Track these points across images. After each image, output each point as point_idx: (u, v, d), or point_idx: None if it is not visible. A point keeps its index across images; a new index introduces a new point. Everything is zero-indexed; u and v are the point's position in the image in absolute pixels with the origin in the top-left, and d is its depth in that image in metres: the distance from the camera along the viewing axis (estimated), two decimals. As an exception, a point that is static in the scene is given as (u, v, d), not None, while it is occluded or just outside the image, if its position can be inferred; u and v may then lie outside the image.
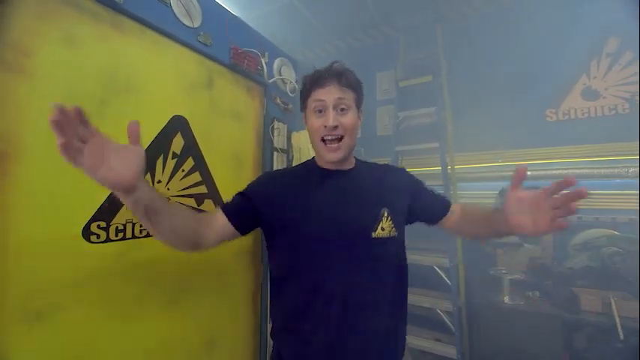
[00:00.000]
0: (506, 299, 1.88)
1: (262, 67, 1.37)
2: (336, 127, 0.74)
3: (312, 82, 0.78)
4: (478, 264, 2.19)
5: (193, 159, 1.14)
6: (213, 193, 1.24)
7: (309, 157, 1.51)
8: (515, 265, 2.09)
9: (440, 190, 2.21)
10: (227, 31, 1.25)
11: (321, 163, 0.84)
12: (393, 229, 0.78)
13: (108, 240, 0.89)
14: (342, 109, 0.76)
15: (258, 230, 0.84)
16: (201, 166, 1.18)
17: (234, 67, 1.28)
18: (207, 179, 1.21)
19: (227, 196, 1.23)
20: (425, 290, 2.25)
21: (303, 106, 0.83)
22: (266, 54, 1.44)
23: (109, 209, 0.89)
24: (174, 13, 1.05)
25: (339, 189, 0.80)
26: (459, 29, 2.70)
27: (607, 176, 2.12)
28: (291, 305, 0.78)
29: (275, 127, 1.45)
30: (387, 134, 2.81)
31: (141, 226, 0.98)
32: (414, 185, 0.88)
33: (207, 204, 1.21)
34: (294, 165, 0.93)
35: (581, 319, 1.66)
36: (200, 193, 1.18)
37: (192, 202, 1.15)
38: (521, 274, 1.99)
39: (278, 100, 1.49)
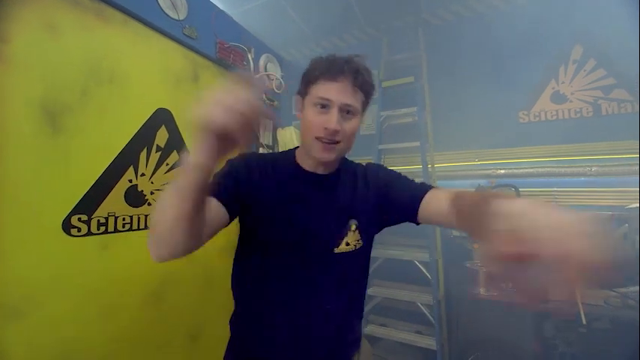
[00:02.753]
0: (482, 291, 1.98)
1: (248, 62, 1.37)
2: (337, 131, 0.66)
3: (323, 70, 0.67)
4: (456, 258, 2.29)
5: (178, 153, 1.14)
6: (198, 188, 1.23)
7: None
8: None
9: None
10: (213, 25, 1.25)
11: (302, 162, 0.77)
12: (359, 241, 0.74)
13: (89, 233, 0.88)
14: (348, 112, 0.68)
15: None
16: (185, 160, 1.17)
17: (220, 62, 1.28)
18: (192, 174, 1.20)
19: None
20: (406, 284, 2.33)
21: (304, 92, 0.72)
22: (252, 50, 1.45)
23: (90, 202, 0.88)
24: (159, 5, 1.04)
25: (311, 198, 0.74)
26: (440, 32, 2.80)
27: (572, 175, 2.27)
28: (251, 304, 0.76)
29: (261, 123, 1.45)
30: (370, 133, 2.87)
31: (124, 219, 0.96)
32: (384, 180, 0.78)
33: (192, 198, 1.20)
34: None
35: (550, 308, 1.77)
36: (185, 188, 1.17)
37: (176, 196, 1.14)
38: (497, 269, 2.09)
39: (264, 96, 1.50)
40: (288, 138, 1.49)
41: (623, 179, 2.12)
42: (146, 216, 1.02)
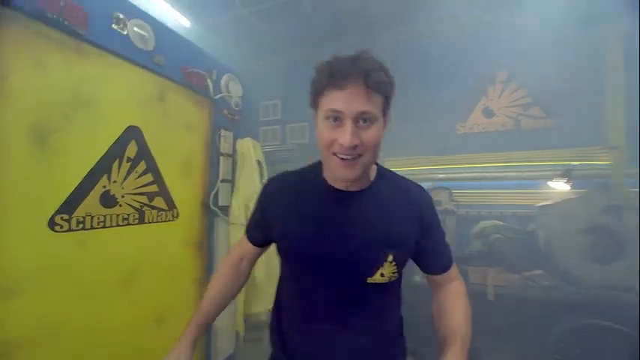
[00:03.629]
0: (417, 278, 2.31)
1: (209, 84, 1.60)
2: (355, 146, 0.58)
3: (329, 78, 0.58)
4: None
5: (146, 162, 1.34)
6: (164, 192, 1.44)
7: (252, 163, 1.76)
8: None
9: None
10: (177, 53, 1.46)
11: (329, 178, 0.70)
12: (395, 274, 0.68)
13: (70, 230, 1.07)
14: (365, 121, 0.59)
15: (203, 222, 1.03)
16: (153, 168, 1.38)
17: (185, 84, 1.50)
18: (159, 180, 1.41)
19: (176, 193, 1.45)
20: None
21: (313, 104, 0.65)
22: (214, 71, 1.67)
23: (71, 204, 1.07)
24: (130, 40, 1.24)
25: (343, 219, 0.68)
26: (391, 53, 3.14)
27: (498, 178, 2.68)
28: (286, 325, 0.77)
29: (222, 135, 1.68)
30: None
31: (98, 218, 1.16)
32: (430, 224, 0.72)
33: (158, 200, 1.41)
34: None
35: (468, 289, 2.13)
36: (152, 192, 1.38)
37: (144, 198, 1.34)
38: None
39: (225, 112, 1.73)
40: (245, 148, 1.72)
41: (536, 182, 2.54)
42: (117, 215, 1.23)
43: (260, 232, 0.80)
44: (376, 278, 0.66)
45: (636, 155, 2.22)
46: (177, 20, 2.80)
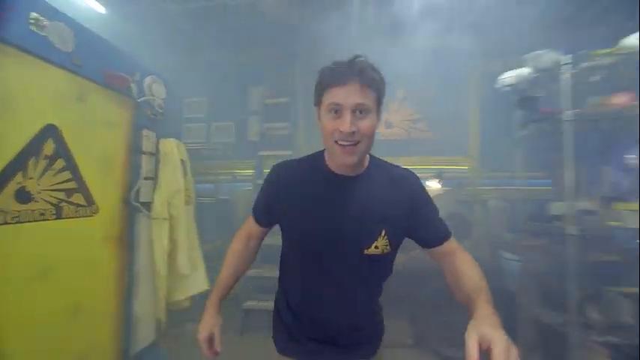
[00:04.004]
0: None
1: (132, 87, 1.68)
2: (353, 133, 0.69)
3: (330, 77, 0.72)
4: None
5: (64, 160, 1.38)
6: (82, 188, 1.49)
7: (175, 161, 1.89)
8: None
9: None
10: (98, 55, 1.52)
11: (330, 164, 0.81)
12: (387, 247, 0.77)
13: (-19, 225, 1.09)
14: (361, 112, 0.70)
15: (124, 217, 1.14)
16: (71, 166, 1.42)
17: (106, 85, 1.56)
18: (77, 177, 1.46)
19: (96, 190, 1.52)
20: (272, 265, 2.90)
21: (317, 102, 0.77)
22: (137, 74, 1.74)
23: (-18, 200, 1.09)
24: (49, 41, 1.28)
25: (343, 200, 0.78)
26: (313, 62, 3.50)
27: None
28: (291, 296, 0.89)
29: (144, 134, 1.77)
30: (255, 140, 3.36)
31: (13, 214, 1.19)
32: (418, 201, 0.81)
33: (77, 197, 1.46)
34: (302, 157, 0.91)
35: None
36: (70, 188, 1.42)
37: (62, 194, 1.38)
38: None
39: (148, 112, 1.81)
40: (168, 148, 1.84)
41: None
42: (33, 211, 1.26)
43: (267, 214, 0.89)
44: (371, 250, 0.76)
45: (487, 163, 3.05)
46: (92, 7, 2.64)
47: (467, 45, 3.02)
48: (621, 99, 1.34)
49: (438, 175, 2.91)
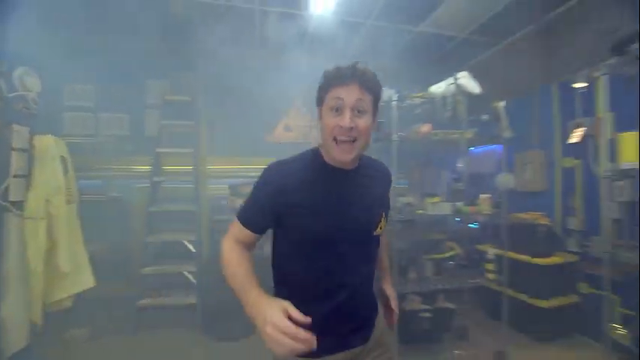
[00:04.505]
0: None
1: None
2: (351, 128, 0.75)
3: (332, 78, 0.78)
4: (213, 233, 3.18)
5: None
6: None
7: (53, 159, 1.83)
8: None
9: (190, 185, 3.02)
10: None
11: (327, 158, 0.85)
12: (384, 225, 0.90)
13: None
14: (359, 111, 0.76)
15: None
16: None
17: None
18: None
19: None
20: (175, 259, 2.97)
21: (320, 101, 0.83)
22: (4, 62, 1.63)
23: None
24: None
25: (346, 189, 0.85)
26: (215, 64, 3.58)
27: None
28: (303, 288, 0.85)
29: (15, 130, 1.67)
30: (153, 135, 3.28)
31: None
32: (389, 184, 0.99)
33: None
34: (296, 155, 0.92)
35: (268, 257, 2.96)
36: None
37: None
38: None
39: (20, 106, 1.71)
40: (45, 145, 1.77)
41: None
42: None
43: (265, 219, 0.84)
44: (377, 231, 0.88)
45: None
46: None
47: (349, 60, 3.62)
48: (424, 128, 2.00)
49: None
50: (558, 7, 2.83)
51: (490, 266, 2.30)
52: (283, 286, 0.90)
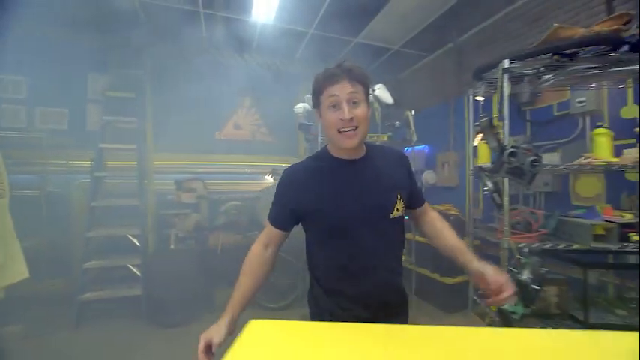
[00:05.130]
0: (172, 246, 3.08)
1: None
2: (351, 119, 0.83)
3: (324, 79, 0.85)
4: (159, 227, 3.28)
5: None
6: None
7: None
8: (186, 227, 3.35)
9: (134, 181, 3.08)
10: None
11: (335, 153, 0.93)
12: (403, 208, 0.92)
13: None
14: (355, 102, 0.84)
15: None
16: None
17: None
18: None
19: None
20: (119, 253, 3.03)
21: (317, 103, 0.90)
22: None
23: None
24: None
25: (359, 177, 0.90)
26: (166, 60, 3.63)
27: (240, 172, 3.87)
28: (331, 276, 0.93)
29: None
30: (95, 130, 3.26)
31: None
32: (410, 173, 0.99)
33: None
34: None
35: (214, 250, 3.13)
36: None
37: None
38: (187, 232, 3.26)
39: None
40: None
41: (259, 175, 3.89)
42: None
43: (289, 217, 0.93)
44: (395, 214, 0.90)
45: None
46: None
47: (296, 69, 3.90)
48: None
49: (273, 172, 3.68)
50: (471, 29, 3.35)
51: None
52: (315, 271, 0.98)
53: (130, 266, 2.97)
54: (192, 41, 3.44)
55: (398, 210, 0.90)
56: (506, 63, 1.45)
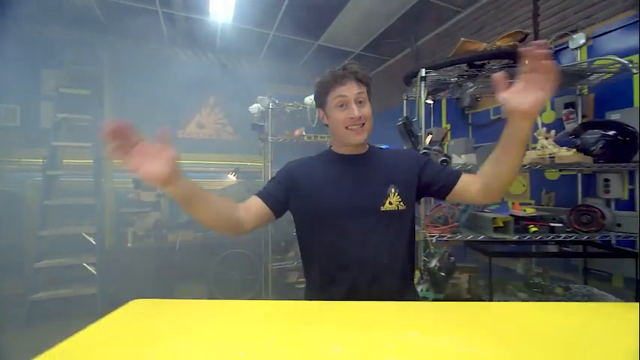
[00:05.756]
0: (130, 244, 3.08)
1: None
2: (359, 117, 0.88)
3: (332, 81, 0.89)
4: (117, 226, 3.26)
5: None
6: None
7: None
8: (145, 225, 3.35)
9: (90, 179, 3.05)
10: None
11: (338, 149, 0.99)
12: (401, 203, 0.90)
13: None
14: (361, 102, 0.89)
15: None
16: None
17: None
18: None
19: None
20: (74, 252, 3.00)
21: (322, 103, 0.94)
22: None
23: None
24: None
25: (353, 170, 0.94)
26: (125, 58, 3.60)
27: (203, 171, 3.90)
28: (320, 269, 0.92)
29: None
30: (49, 128, 3.19)
31: None
32: (420, 162, 0.97)
33: None
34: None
35: (172, 247, 3.15)
36: None
37: None
38: (146, 231, 3.27)
39: None
40: None
41: (222, 174, 3.94)
42: None
43: (282, 193, 0.93)
44: (387, 207, 0.89)
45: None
46: None
47: (261, 69, 3.97)
48: (297, 132, 2.43)
49: (236, 170, 3.74)
50: (425, 36, 3.54)
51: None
52: (305, 263, 0.99)
53: (85, 265, 2.95)
54: (151, 39, 3.44)
55: (391, 203, 0.90)
56: (422, 72, 1.59)
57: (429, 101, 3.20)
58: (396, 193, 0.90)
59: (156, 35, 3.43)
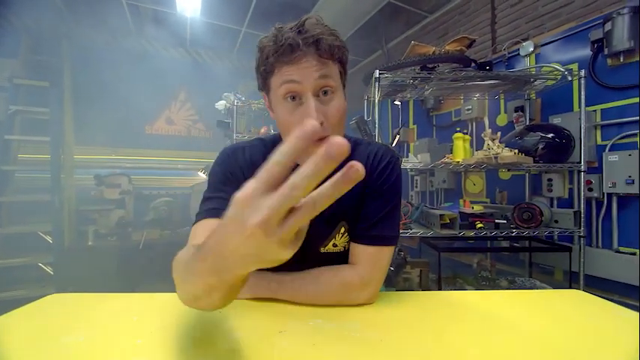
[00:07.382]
0: (90, 243, 2.97)
1: None
2: (321, 123, 0.47)
3: (276, 52, 0.52)
4: (77, 224, 3.14)
5: None
6: None
7: None
8: (108, 223, 3.24)
9: (48, 174, 2.92)
10: None
11: None
12: (347, 243, 0.66)
13: None
14: (325, 92, 0.54)
15: None
16: None
17: None
18: None
19: None
20: (29, 251, 2.87)
21: (263, 86, 0.59)
22: None
23: None
24: None
25: None
26: (88, 50, 3.46)
27: (172, 168, 3.82)
28: None
29: None
30: (2, 121, 3.02)
31: None
32: (376, 184, 0.64)
33: None
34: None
35: (136, 246, 3.07)
36: None
37: None
38: (109, 229, 3.17)
39: None
40: None
41: (191, 172, 3.87)
42: None
43: (227, 200, 0.50)
44: (329, 248, 0.65)
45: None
46: None
47: (234, 65, 3.94)
48: (262, 130, 2.44)
49: (205, 168, 3.68)
50: (395, 38, 3.62)
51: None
52: None
53: (41, 265, 2.82)
54: (117, 31, 3.33)
55: (335, 245, 0.65)
56: (376, 73, 1.64)
57: (397, 102, 3.31)
58: (345, 234, 0.65)
59: (120, 26, 3.32)
